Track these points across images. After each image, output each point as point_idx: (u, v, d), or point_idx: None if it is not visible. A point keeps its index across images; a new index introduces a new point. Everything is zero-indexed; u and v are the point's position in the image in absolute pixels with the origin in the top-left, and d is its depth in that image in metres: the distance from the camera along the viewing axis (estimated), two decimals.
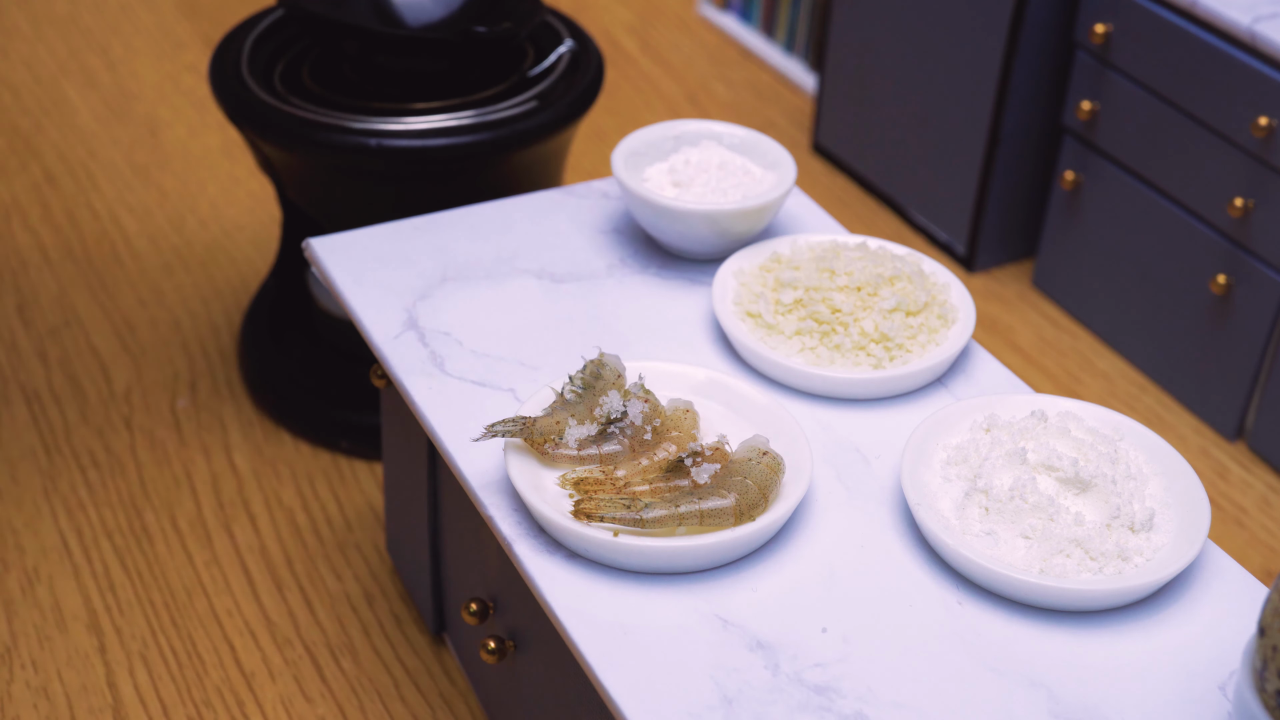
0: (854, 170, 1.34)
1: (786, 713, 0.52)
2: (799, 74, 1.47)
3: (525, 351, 0.69)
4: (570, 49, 0.96)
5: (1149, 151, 1.07)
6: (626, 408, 0.61)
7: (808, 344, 0.68)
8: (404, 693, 0.82)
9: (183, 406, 1.02)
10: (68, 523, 0.92)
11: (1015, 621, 0.57)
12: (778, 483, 0.59)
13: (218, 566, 0.90)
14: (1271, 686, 0.47)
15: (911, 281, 0.70)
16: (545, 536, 0.59)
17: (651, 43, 1.51)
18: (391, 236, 0.76)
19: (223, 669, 0.83)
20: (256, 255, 1.18)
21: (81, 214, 1.22)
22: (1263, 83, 0.97)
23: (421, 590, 0.83)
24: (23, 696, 0.81)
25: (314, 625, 0.86)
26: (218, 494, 0.95)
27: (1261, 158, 0.98)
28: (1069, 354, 1.15)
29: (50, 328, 1.09)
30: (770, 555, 0.59)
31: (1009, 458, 0.61)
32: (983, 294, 1.21)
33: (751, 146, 0.80)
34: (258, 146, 0.91)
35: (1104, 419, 0.64)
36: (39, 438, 0.98)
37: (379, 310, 0.71)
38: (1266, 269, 1.00)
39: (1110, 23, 1.08)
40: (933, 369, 0.68)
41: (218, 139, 1.33)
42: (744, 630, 0.55)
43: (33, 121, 1.34)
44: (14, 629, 0.85)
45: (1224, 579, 0.59)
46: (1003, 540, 0.59)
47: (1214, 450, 1.06)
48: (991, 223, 1.21)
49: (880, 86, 1.28)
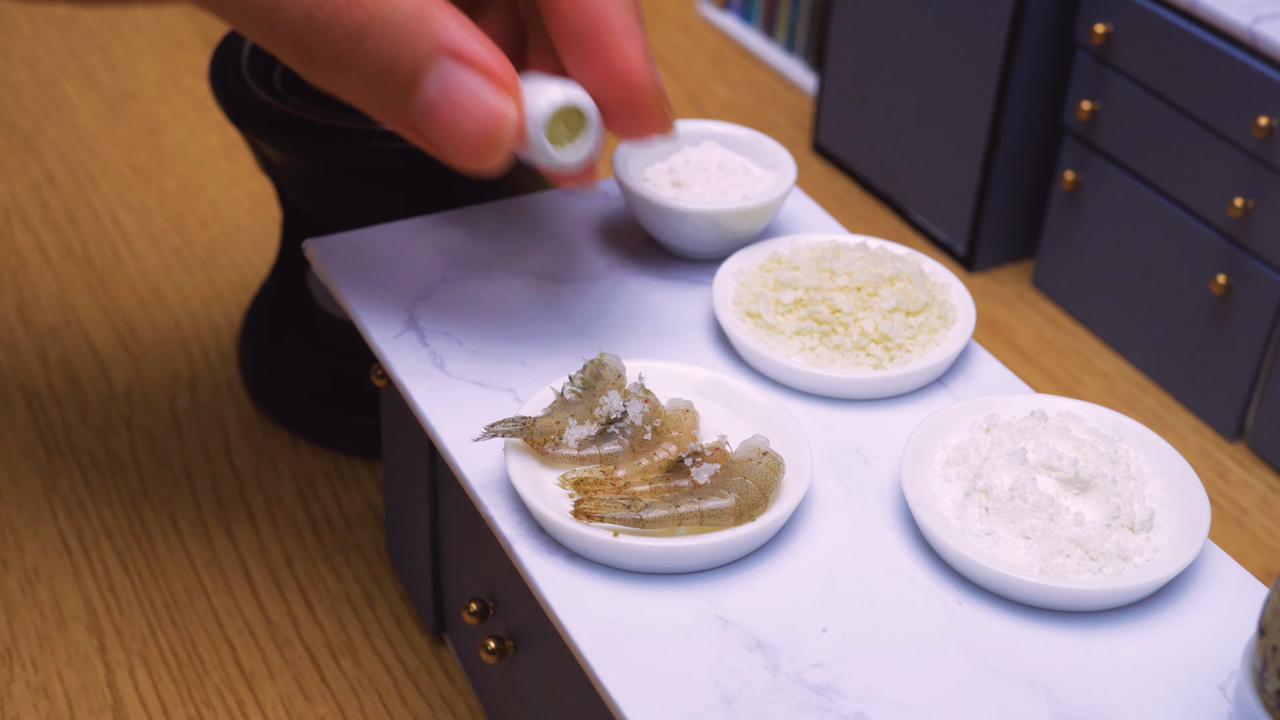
0: (854, 170, 1.34)
1: (786, 713, 0.52)
2: (799, 74, 1.47)
3: (525, 351, 0.69)
4: None
5: (1149, 151, 1.07)
6: (626, 408, 0.61)
7: (808, 344, 0.68)
8: (404, 693, 0.82)
9: (183, 406, 1.02)
10: (68, 523, 0.92)
11: (1015, 621, 0.57)
12: (778, 483, 0.59)
13: (218, 566, 0.90)
14: (1271, 686, 0.47)
15: (911, 281, 0.70)
16: (545, 536, 0.59)
17: (651, 42, 1.51)
18: (391, 236, 0.76)
19: (223, 669, 0.83)
20: (256, 255, 1.18)
21: (81, 214, 1.22)
22: (1263, 83, 0.97)
23: (421, 590, 0.83)
24: (23, 696, 0.81)
25: (314, 625, 0.86)
26: (218, 494, 0.95)
27: (1261, 158, 0.98)
28: (1069, 354, 1.15)
29: (50, 328, 1.09)
30: (770, 555, 0.59)
31: (1009, 458, 0.61)
32: (983, 294, 1.21)
33: (751, 146, 0.80)
34: (258, 146, 0.91)
35: (1104, 419, 0.64)
36: (39, 438, 0.98)
37: (379, 310, 0.71)
38: (1266, 269, 1.00)
39: (1110, 23, 1.08)
40: (933, 369, 0.68)
41: (218, 139, 1.33)
42: (744, 630, 0.55)
43: (33, 121, 1.34)
44: (14, 629, 0.85)
45: (1224, 579, 0.59)
46: (1003, 540, 0.59)
47: (1214, 450, 1.06)
48: (991, 223, 1.21)
49: (880, 86, 1.28)
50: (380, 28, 0.55)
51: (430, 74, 0.56)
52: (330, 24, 0.55)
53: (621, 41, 0.59)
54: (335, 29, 0.55)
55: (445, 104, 0.56)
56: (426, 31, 0.55)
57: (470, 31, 0.57)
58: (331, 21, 0.55)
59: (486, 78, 0.57)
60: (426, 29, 0.55)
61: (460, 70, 0.56)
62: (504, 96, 0.57)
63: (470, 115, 0.57)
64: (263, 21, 0.55)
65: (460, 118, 0.57)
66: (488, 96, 0.57)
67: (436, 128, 0.57)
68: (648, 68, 0.60)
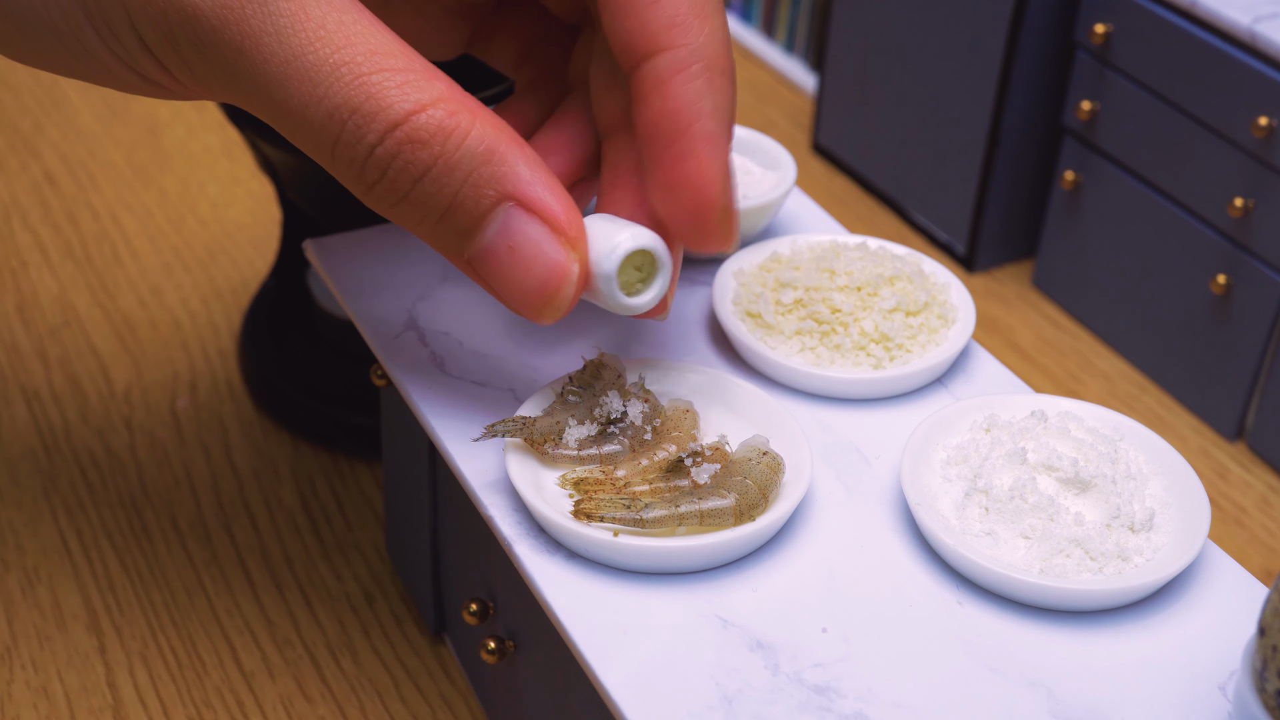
0: (854, 170, 1.34)
1: (786, 713, 0.52)
2: (799, 74, 1.47)
3: (525, 351, 0.69)
4: None
5: (1149, 151, 1.07)
6: (626, 408, 0.61)
7: (808, 344, 0.68)
8: (404, 693, 0.82)
9: (183, 406, 1.02)
10: (68, 523, 0.92)
11: (1015, 621, 0.57)
12: (778, 483, 0.59)
13: (217, 566, 0.90)
14: (1271, 686, 0.47)
15: (911, 281, 0.70)
16: (545, 536, 0.59)
17: None
18: (391, 236, 0.76)
19: (223, 669, 0.83)
20: (256, 255, 1.18)
21: (81, 214, 1.22)
22: (1263, 83, 0.97)
23: (421, 590, 0.83)
24: (23, 696, 0.81)
25: (314, 625, 0.86)
26: (218, 494, 0.95)
27: (1261, 158, 0.98)
28: (1069, 354, 1.15)
29: (50, 328, 1.09)
30: (770, 555, 0.59)
31: (1009, 458, 0.61)
32: (983, 294, 1.21)
33: (751, 146, 0.79)
34: (258, 146, 0.91)
35: (1104, 419, 0.64)
36: (39, 438, 0.98)
37: (379, 310, 0.71)
38: (1266, 269, 1.00)
39: (1110, 23, 1.08)
40: (933, 369, 0.68)
41: (218, 139, 1.33)
42: (744, 630, 0.55)
43: (33, 121, 1.34)
44: (14, 629, 0.85)
45: (1224, 579, 0.59)
46: (1003, 540, 0.59)
47: (1214, 450, 1.06)
48: (991, 223, 1.21)
49: (880, 86, 1.28)
50: (444, 167, 0.52)
51: (492, 219, 0.53)
52: (391, 158, 0.51)
53: (700, 148, 0.55)
54: (396, 163, 0.52)
55: (504, 252, 0.53)
56: (494, 175, 0.52)
57: (539, 176, 0.53)
58: (392, 156, 0.51)
59: (551, 229, 0.53)
60: (494, 172, 0.52)
61: (524, 219, 0.53)
62: (568, 251, 0.54)
63: (530, 269, 0.54)
64: (322, 151, 0.52)
65: (518, 269, 0.54)
66: (550, 250, 0.53)
67: (493, 274, 0.54)
68: (721, 182, 0.56)
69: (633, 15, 0.55)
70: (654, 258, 0.57)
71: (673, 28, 0.55)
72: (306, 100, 0.51)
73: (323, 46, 0.51)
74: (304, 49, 0.51)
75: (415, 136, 0.51)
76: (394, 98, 0.51)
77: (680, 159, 0.56)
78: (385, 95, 0.51)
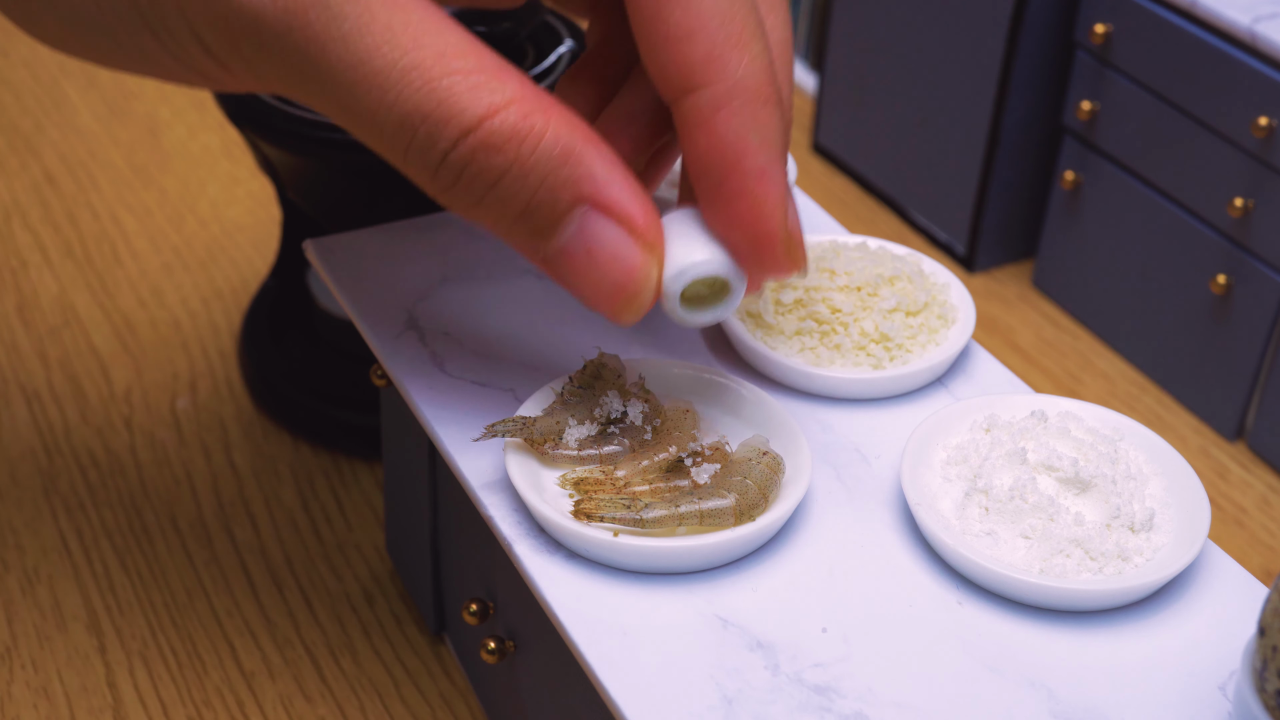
0: (854, 170, 1.34)
1: (786, 713, 0.52)
2: (799, 74, 1.47)
3: (525, 351, 0.69)
4: (571, 49, 0.96)
5: (1149, 151, 1.07)
6: (626, 408, 0.61)
7: (807, 344, 0.68)
8: (404, 693, 0.82)
9: (183, 406, 1.02)
10: (68, 523, 0.92)
11: (1015, 621, 0.57)
12: (778, 483, 0.59)
13: (217, 566, 0.90)
14: (1271, 686, 0.47)
15: (911, 281, 0.70)
16: (545, 536, 0.59)
17: None
18: (391, 236, 0.76)
19: (223, 669, 0.83)
20: (256, 255, 1.18)
21: (81, 214, 1.22)
22: (1263, 83, 0.97)
23: (421, 590, 0.83)
24: (23, 696, 0.81)
25: (314, 625, 0.86)
26: (218, 494, 0.95)
27: (1261, 158, 0.98)
28: (1069, 354, 1.15)
29: (50, 328, 1.09)
30: (770, 555, 0.59)
31: (1009, 458, 0.61)
32: (983, 294, 1.21)
33: None
34: (258, 146, 0.91)
35: (1104, 419, 0.64)
36: (39, 438, 0.98)
37: (379, 310, 0.71)
38: (1266, 269, 1.00)
39: (1110, 23, 1.08)
40: (933, 369, 0.68)
41: (218, 139, 1.33)
42: (744, 630, 0.55)
43: (33, 121, 1.34)
44: (14, 629, 0.85)
45: (1224, 579, 0.59)
46: (1003, 540, 0.59)
47: (1214, 450, 1.06)
48: (991, 223, 1.21)
49: (880, 86, 1.28)
50: (520, 170, 0.50)
51: (568, 222, 0.52)
52: (465, 163, 0.50)
53: (752, 186, 0.53)
54: (470, 169, 0.50)
55: (582, 254, 0.52)
56: (570, 178, 0.51)
57: (615, 176, 0.52)
58: (466, 162, 0.50)
59: (629, 231, 0.52)
60: (570, 175, 0.50)
61: (601, 222, 0.52)
62: (645, 254, 0.53)
63: (607, 271, 0.52)
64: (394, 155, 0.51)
65: (595, 270, 0.53)
66: (628, 253, 0.52)
67: (571, 275, 0.53)
68: (779, 215, 0.54)
69: (669, 49, 0.54)
70: (727, 284, 0.56)
71: (710, 62, 0.53)
72: (376, 106, 0.50)
73: (390, 50, 0.49)
74: (371, 53, 0.49)
75: (489, 142, 0.50)
76: (466, 102, 0.50)
77: (733, 199, 0.54)
78: (457, 100, 0.49)
